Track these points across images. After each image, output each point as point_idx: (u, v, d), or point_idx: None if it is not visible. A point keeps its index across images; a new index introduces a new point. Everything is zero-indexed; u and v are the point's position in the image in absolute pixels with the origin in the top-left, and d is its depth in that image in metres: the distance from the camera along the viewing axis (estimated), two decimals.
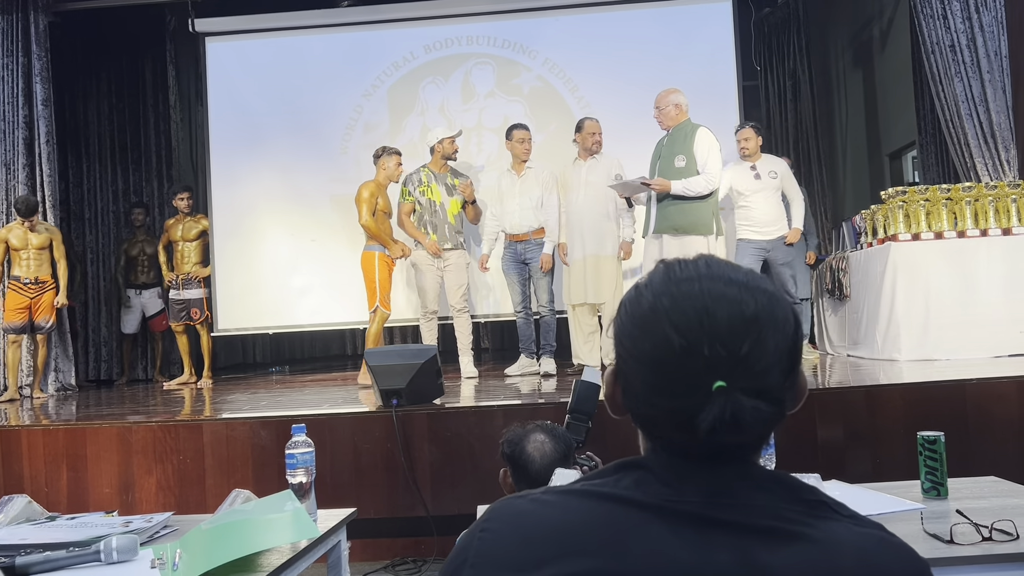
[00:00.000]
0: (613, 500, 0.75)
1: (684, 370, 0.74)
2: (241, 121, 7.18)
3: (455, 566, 0.79)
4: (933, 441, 1.83)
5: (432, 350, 3.89)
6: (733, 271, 0.79)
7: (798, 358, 0.79)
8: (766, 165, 5.43)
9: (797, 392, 0.79)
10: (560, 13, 7.06)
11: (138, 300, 7.19)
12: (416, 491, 3.58)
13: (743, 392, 0.72)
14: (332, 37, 7.23)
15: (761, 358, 0.74)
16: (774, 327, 0.75)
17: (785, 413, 0.77)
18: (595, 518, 0.74)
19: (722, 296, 0.75)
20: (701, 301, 0.75)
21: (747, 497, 0.74)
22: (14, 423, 4.17)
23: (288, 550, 1.70)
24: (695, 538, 0.72)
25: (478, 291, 6.64)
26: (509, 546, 0.76)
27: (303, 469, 1.86)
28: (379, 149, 5.50)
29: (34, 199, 6.01)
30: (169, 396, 5.62)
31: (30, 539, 1.75)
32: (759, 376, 0.74)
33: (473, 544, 0.79)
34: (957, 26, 5.65)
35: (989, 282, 4.72)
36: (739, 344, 0.73)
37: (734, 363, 0.73)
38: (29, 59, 6.49)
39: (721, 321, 0.74)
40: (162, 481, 3.71)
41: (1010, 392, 3.49)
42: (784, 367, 0.76)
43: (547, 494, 0.79)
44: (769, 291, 0.78)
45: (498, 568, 0.75)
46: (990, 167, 5.58)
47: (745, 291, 0.76)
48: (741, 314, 0.74)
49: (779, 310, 0.77)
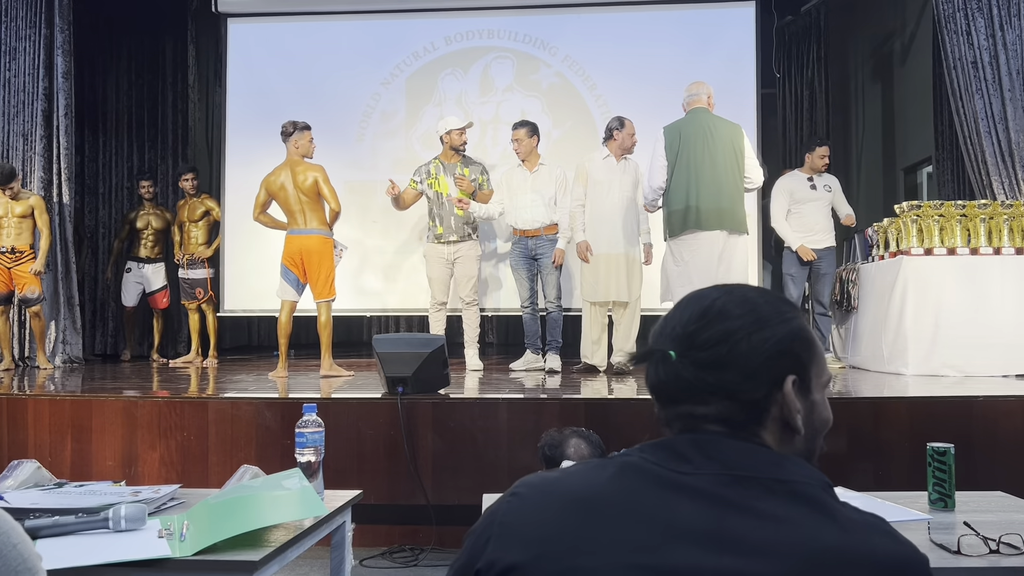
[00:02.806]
0: (632, 470, 0.85)
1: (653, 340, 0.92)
2: (258, 103, 7.20)
3: (482, 528, 0.84)
4: (943, 452, 1.83)
5: (440, 340, 3.90)
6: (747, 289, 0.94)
7: (774, 366, 0.87)
8: (822, 179, 5.82)
9: (787, 400, 0.87)
10: (582, 11, 7.06)
11: (139, 272, 6.95)
12: (417, 479, 3.59)
13: (688, 360, 0.87)
14: (353, 24, 7.24)
15: (707, 336, 0.87)
16: (734, 316, 0.88)
17: (743, 397, 0.87)
18: (616, 488, 0.83)
19: (703, 294, 0.92)
20: (684, 299, 0.93)
21: (751, 469, 0.82)
22: (20, 392, 4.19)
23: (294, 527, 1.71)
24: (706, 511, 0.79)
25: (486, 285, 6.64)
26: (534, 513, 0.82)
27: (312, 448, 1.87)
28: (289, 125, 5.13)
29: (10, 166, 5.82)
30: (174, 373, 5.64)
31: (39, 503, 1.76)
32: (701, 347, 0.87)
33: (501, 509, 0.84)
34: (980, 43, 5.62)
35: (1001, 301, 4.71)
36: (689, 325, 0.89)
37: (681, 337, 0.88)
38: (52, 31, 6.50)
39: (687, 308, 0.91)
40: (165, 456, 3.72)
41: (1017, 411, 3.48)
42: (747, 367, 0.86)
43: (576, 465, 0.90)
44: (753, 301, 0.90)
45: (522, 536, 0.80)
46: (1006, 186, 5.55)
47: (722, 293, 0.91)
48: (701, 303, 0.91)
49: (758, 317, 0.88)
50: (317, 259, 5.04)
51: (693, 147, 4.46)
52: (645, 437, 3.05)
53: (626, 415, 3.61)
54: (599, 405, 3.72)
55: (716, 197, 4.43)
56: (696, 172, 4.44)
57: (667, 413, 0.91)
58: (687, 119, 4.62)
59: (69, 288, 6.50)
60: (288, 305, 5.17)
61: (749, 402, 0.86)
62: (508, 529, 0.81)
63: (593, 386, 4.47)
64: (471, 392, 4.21)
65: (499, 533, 0.82)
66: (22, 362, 6.29)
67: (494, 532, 0.82)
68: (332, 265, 5.09)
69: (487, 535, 0.82)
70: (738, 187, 4.52)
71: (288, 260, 5.10)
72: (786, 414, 0.87)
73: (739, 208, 4.52)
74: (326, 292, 5.06)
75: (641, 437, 0.92)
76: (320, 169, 5.08)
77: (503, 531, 0.82)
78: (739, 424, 0.86)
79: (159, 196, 7.45)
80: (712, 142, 4.46)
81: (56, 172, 6.47)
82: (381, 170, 6.92)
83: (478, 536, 0.84)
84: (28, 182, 6.35)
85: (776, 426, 0.87)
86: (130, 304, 7.02)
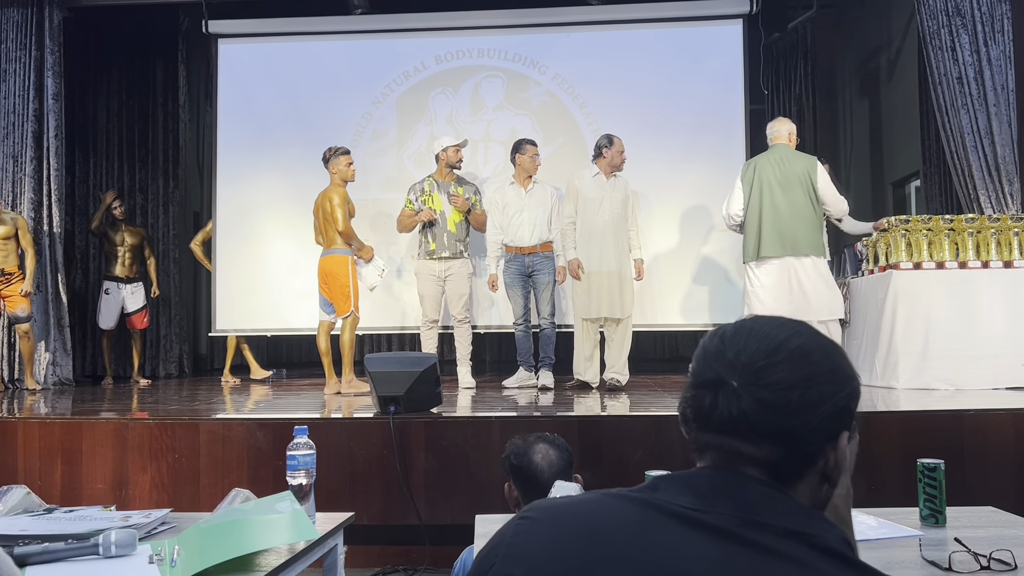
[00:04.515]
0: (645, 504, 0.81)
1: (710, 366, 0.86)
2: (249, 123, 7.21)
3: (491, 548, 0.84)
4: (933, 468, 1.83)
5: (432, 358, 3.89)
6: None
7: (836, 421, 0.85)
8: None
9: (838, 457, 0.85)
10: (571, 30, 7.12)
11: (119, 293, 6.81)
12: (410, 499, 3.57)
13: (750, 396, 0.82)
14: (344, 44, 7.28)
15: (778, 378, 0.82)
16: (807, 363, 0.84)
17: (802, 452, 0.83)
18: (627, 519, 0.80)
19: (770, 329, 0.87)
20: (747, 326, 0.88)
21: (770, 516, 0.79)
22: (9, 415, 4.16)
23: (285, 551, 1.70)
24: (714, 548, 0.76)
25: (480, 303, 6.65)
26: (543, 537, 0.81)
27: (304, 471, 1.86)
28: (327, 151, 5.29)
29: None
30: (162, 393, 5.61)
31: (29, 530, 1.74)
32: (769, 387, 0.82)
33: (511, 531, 0.84)
34: (965, 59, 5.69)
35: (990, 314, 4.74)
36: (756, 359, 0.83)
37: (747, 369, 0.83)
38: (42, 53, 6.52)
39: (753, 339, 0.86)
40: (156, 479, 3.70)
41: (1007, 424, 3.49)
42: (813, 418, 0.83)
43: (586, 493, 0.88)
44: (826, 349, 0.87)
45: (528, 557, 0.80)
46: (993, 200, 5.61)
47: (791, 332, 0.86)
48: (771, 339, 0.85)
49: (831, 368, 0.85)
50: (332, 278, 5.14)
51: (766, 179, 4.81)
52: (638, 454, 3.06)
53: (619, 432, 3.61)
54: (592, 422, 3.72)
55: (787, 224, 4.74)
56: (770, 204, 4.78)
57: (705, 440, 0.86)
58: (766, 154, 4.93)
59: (59, 310, 6.48)
60: (322, 325, 5.27)
61: (805, 454, 0.84)
62: (516, 549, 0.81)
63: (586, 403, 4.47)
64: (464, 411, 4.20)
65: (507, 553, 0.82)
66: (11, 384, 6.25)
67: (502, 552, 0.82)
68: (346, 283, 5.12)
69: (495, 554, 0.82)
70: (810, 215, 4.78)
71: (318, 282, 5.25)
72: (830, 469, 0.85)
73: (812, 234, 4.78)
74: (343, 308, 5.12)
75: (633, 454, 0.91)
76: (340, 192, 5.17)
77: (511, 551, 0.81)
78: (784, 473, 0.83)
79: (136, 215, 7.42)
80: (784, 174, 4.78)
81: (46, 193, 6.47)
82: (372, 189, 6.94)
83: (485, 556, 0.84)
84: (18, 203, 6.35)
85: (815, 479, 0.85)
86: (108, 326, 6.84)
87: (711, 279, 6.80)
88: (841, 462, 0.85)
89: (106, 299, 6.83)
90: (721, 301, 6.76)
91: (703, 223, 6.82)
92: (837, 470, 0.85)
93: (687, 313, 6.82)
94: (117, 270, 6.82)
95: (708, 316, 6.74)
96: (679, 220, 6.84)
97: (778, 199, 4.76)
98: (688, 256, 6.84)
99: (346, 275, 5.11)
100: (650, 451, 3.46)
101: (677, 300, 6.83)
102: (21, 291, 5.84)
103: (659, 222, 6.81)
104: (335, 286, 5.12)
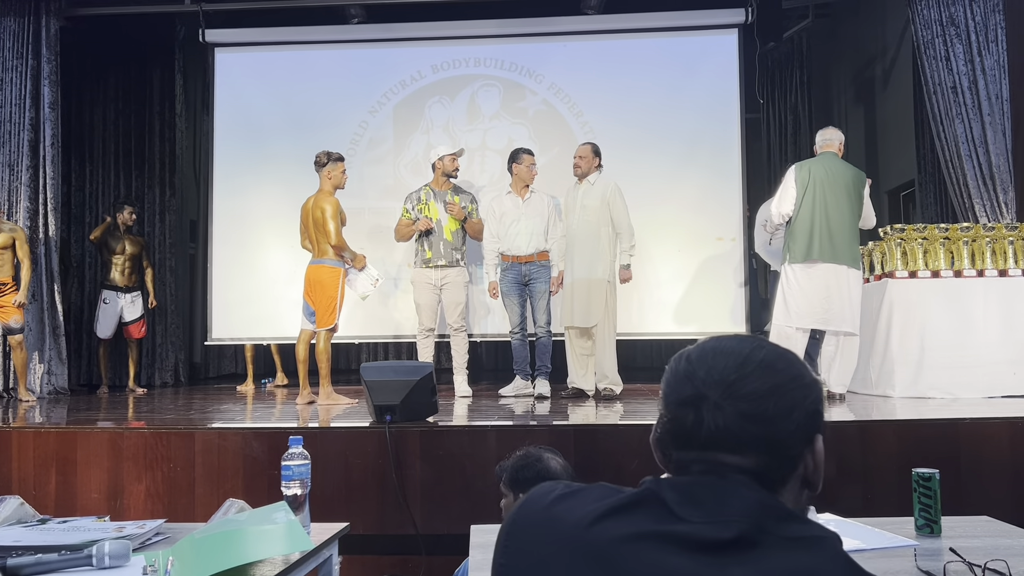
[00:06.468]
0: (646, 508, 0.86)
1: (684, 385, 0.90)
2: (246, 132, 7.22)
3: (497, 537, 0.94)
4: (928, 478, 1.83)
5: (428, 367, 3.89)
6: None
7: (811, 424, 0.89)
8: None
9: (816, 460, 0.89)
10: (567, 39, 7.14)
11: (116, 302, 6.75)
12: (406, 509, 3.56)
13: (731, 407, 0.86)
14: (341, 53, 7.29)
15: (751, 388, 0.86)
16: (774, 372, 0.88)
17: (780, 454, 0.87)
18: (624, 520, 0.85)
19: (732, 345, 0.91)
20: (710, 345, 0.92)
21: (778, 523, 0.81)
22: (4, 425, 4.15)
23: (280, 562, 1.69)
24: (688, 556, 0.79)
25: (476, 311, 6.65)
26: (540, 519, 0.89)
27: (299, 481, 1.86)
28: (324, 156, 5.15)
29: None
30: (160, 403, 5.60)
31: (22, 541, 1.74)
32: (744, 398, 0.86)
33: (511, 517, 0.94)
34: (959, 68, 5.72)
35: (985, 322, 4.75)
36: (728, 374, 0.87)
37: (720, 384, 0.87)
38: (39, 62, 6.52)
39: (720, 356, 0.89)
40: (151, 488, 3.68)
41: (1002, 433, 3.50)
42: (790, 423, 0.87)
43: (593, 486, 0.94)
44: (788, 358, 0.91)
45: (527, 542, 0.88)
46: (988, 208, 5.62)
47: (754, 346, 0.90)
48: (737, 354, 0.89)
49: (797, 375, 0.89)
50: (320, 288, 5.09)
51: (821, 186, 4.78)
52: (634, 463, 3.06)
53: (615, 441, 3.60)
54: (588, 431, 3.72)
55: (836, 233, 4.74)
56: (822, 209, 4.76)
57: (687, 459, 0.89)
58: (818, 160, 4.91)
59: (55, 319, 6.46)
60: (303, 333, 5.23)
61: (787, 458, 0.87)
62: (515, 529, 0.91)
63: (582, 412, 4.46)
64: (460, 419, 4.19)
65: (508, 532, 0.92)
66: (6, 394, 6.23)
67: (501, 540, 0.92)
68: (334, 295, 5.07)
69: (498, 543, 0.92)
70: (854, 226, 4.81)
71: (304, 289, 5.20)
72: (808, 472, 0.89)
73: (854, 245, 4.80)
74: (325, 320, 5.07)
75: (630, 463, 0.93)
76: (332, 201, 5.08)
77: (511, 531, 0.91)
78: (770, 479, 0.86)
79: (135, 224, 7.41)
80: (836, 184, 4.77)
81: (42, 202, 6.46)
82: (369, 197, 6.94)
83: (495, 544, 0.93)
84: (14, 212, 6.34)
85: (796, 483, 0.89)
86: (105, 336, 6.77)
87: (706, 287, 6.81)
88: (820, 465, 0.89)
89: (104, 308, 6.77)
90: (716, 309, 6.77)
91: (698, 231, 6.83)
92: (817, 473, 0.89)
93: (682, 321, 6.82)
94: (116, 279, 6.77)
95: (703, 324, 6.74)
96: (674, 228, 6.84)
97: (831, 205, 4.75)
98: (683, 264, 6.84)
99: (335, 288, 5.07)
100: (646, 460, 3.46)
101: (672, 308, 6.84)
102: (15, 302, 5.81)
103: (654, 230, 6.81)
104: (322, 296, 5.07)
